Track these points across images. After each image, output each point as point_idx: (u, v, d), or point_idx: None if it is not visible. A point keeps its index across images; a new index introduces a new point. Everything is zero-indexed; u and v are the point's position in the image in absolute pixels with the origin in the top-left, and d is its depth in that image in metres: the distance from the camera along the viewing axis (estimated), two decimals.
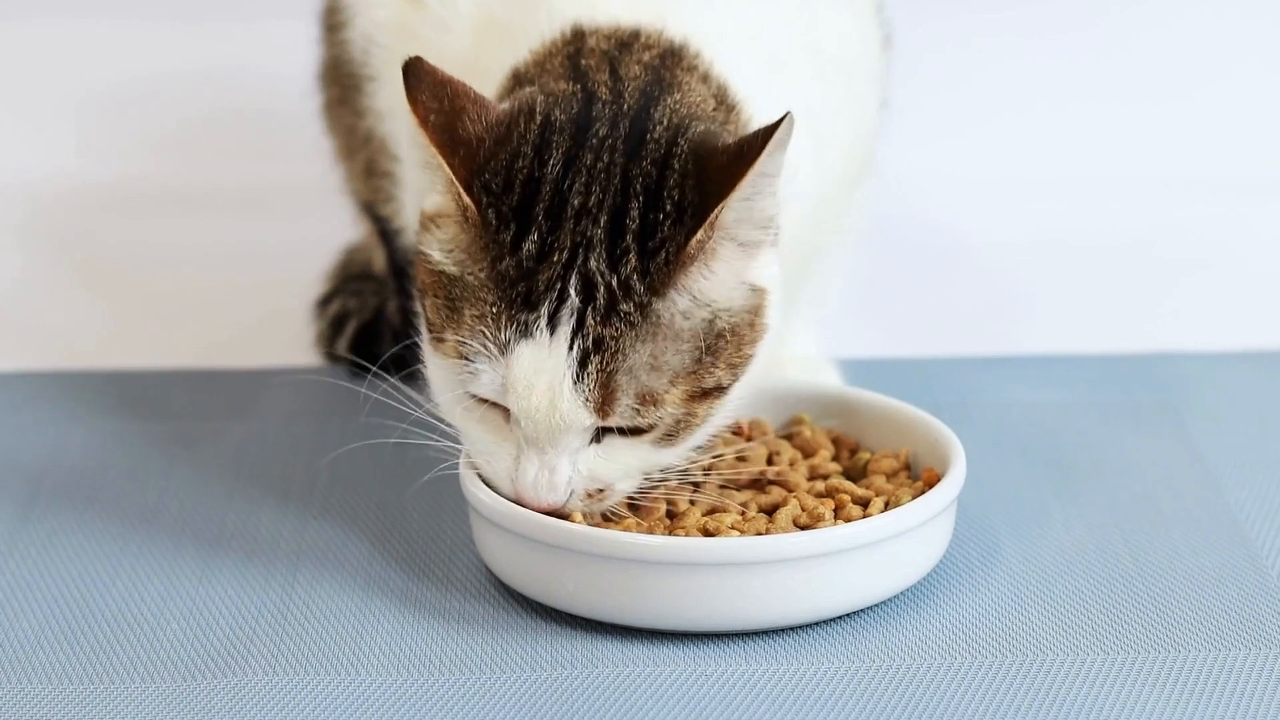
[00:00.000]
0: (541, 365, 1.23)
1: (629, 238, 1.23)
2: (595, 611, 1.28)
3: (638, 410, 1.23)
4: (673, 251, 1.23)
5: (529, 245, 1.23)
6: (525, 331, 1.23)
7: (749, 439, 1.41)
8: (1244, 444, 1.53)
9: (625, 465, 1.27)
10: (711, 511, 1.33)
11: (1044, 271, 1.86)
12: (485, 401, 1.27)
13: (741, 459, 1.39)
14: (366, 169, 1.56)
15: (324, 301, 1.73)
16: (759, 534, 1.30)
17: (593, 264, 1.23)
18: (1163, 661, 1.25)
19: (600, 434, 1.26)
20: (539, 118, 1.26)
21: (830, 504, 1.33)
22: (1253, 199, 1.99)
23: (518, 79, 1.31)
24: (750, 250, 1.25)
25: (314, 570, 1.37)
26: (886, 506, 1.32)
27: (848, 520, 1.31)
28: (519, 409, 1.24)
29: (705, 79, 1.30)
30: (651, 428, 1.25)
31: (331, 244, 1.79)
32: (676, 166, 1.24)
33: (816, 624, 1.29)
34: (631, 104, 1.27)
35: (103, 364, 1.69)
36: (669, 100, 1.27)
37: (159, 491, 1.48)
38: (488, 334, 1.23)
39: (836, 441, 1.42)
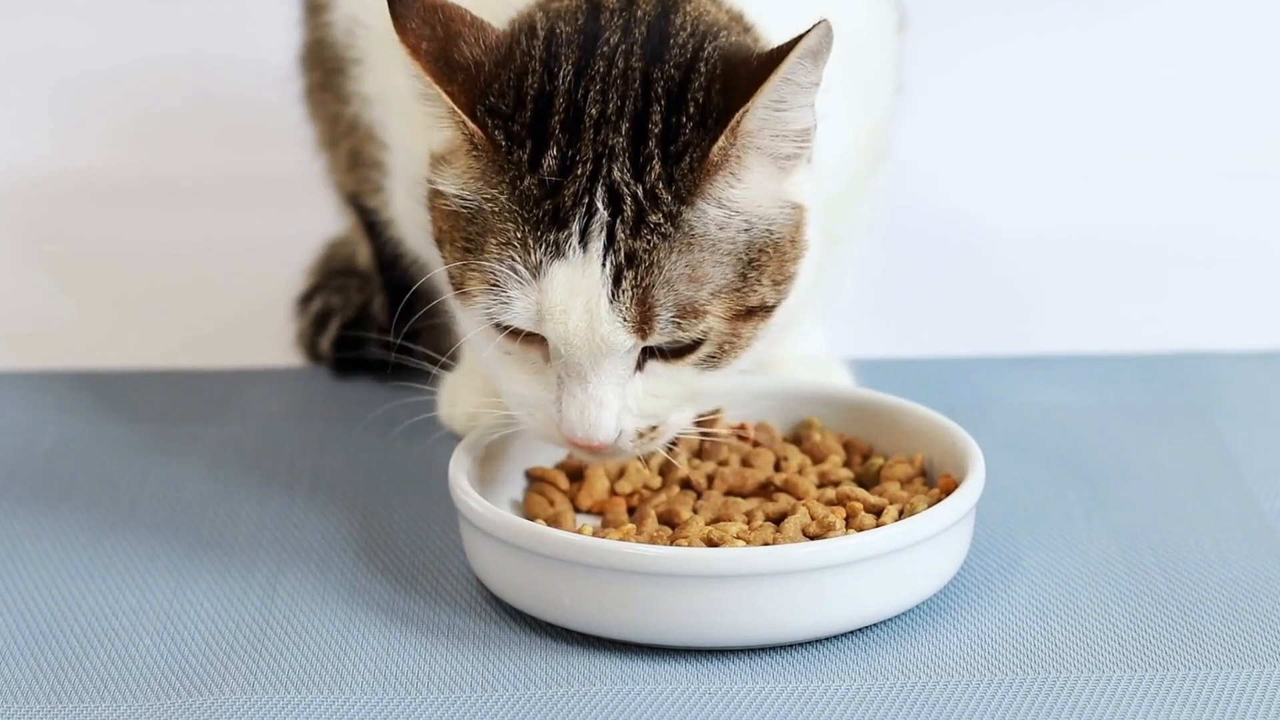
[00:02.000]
0: (576, 285, 1.22)
1: (651, 143, 1.23)
2: (593, 626, 1.28)
3: (678, 324, 1.23)
4: (696, 157, 1.23)
5: (549, 160, 1.23)
6: (557, 251, 1.22)
7: (755, 444, 1.41)
8: (1278, 448, 1.53)
9: (673, 394, 1.27)
10: (715, 520, 1.33)
11: (1067, 267, 1.87)
12: (519, 339, 1.26)
13: (747, 464, 1.39)
14: (352, 158, 1.56)
15: (306, 298, 1.73)
16: (765, 544, 1.30)
17: (616, 174, 1.23)
18: (1194, 680, 1.25)
19: (643, 363, 1.26)
20: (541, 33, 1.26)
21: (841, 512, 1.33)
22: None
23: None
24: (784, 166, 1.25)
25: (295, 582, 1.37)
26: (901, 515, 1.32)
27: (860, 530, 1.31)
28: (556, 335, 1.24)
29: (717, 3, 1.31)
30: (695, 344, 1.25)
31: (314, 238, 1.79)
32: (703, 69, 1.24)
33: (826, 639, 1.29)
34: (647, 10, 1.27)
35: (73, 363, 1.69)
36: (688, 8, 1.28)
37: (132, 498, 1.48)
38: (516, 258, 1.23)
39: (848, 446, 1.42)
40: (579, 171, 1.23)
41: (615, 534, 1.31)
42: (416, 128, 1.40)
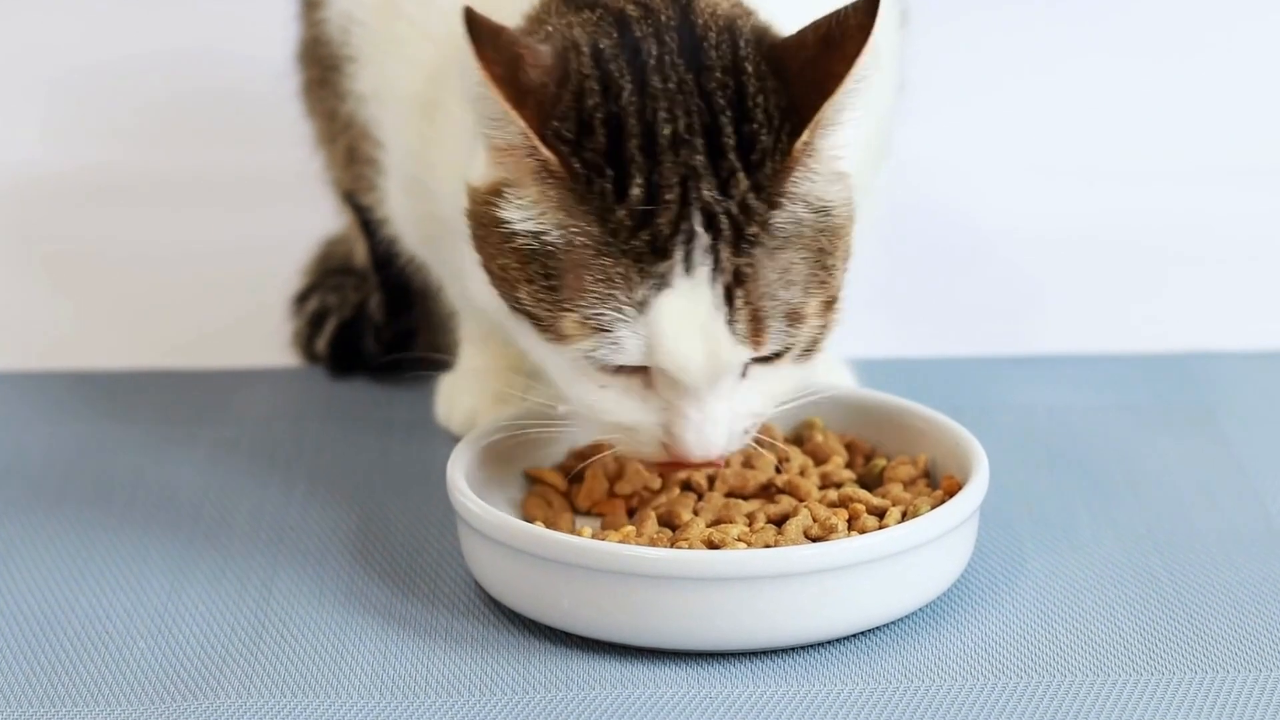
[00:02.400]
0: (689, 313, 1.22)
1: (731, 156, 1.23)
2: (592, 629, 1.28)
3: (787, 330, 1.24)
4: (779, 161, 1.23)
5: (635, 189, 1.22)
6: (663, 282, 1.22)
7: (755, 444, 1.40)
8: None
9: (774, 392, 1.28)
10: (716, 522, 1.33)
11: (1072, 266, 1.86)
12: (618, 371, 1.25)
13: (748, 465, 1.38)
14: (348, 155, 1.56)
15: (302, 297, 1.73)
16: (767, 546, 1.29)
17: (706, 193, 1.22)
18: (1200, 683, 1.25)
19: (746, 369, 1.26)
20: (587, 49, 1.25)
21: (843, 514, 1.32)
22: None
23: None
24: (836, 143, 1.25)
25: (291, 584, 1.36)
26: (904, 517, 1.32)
27: (862, 532, 1.31)
28: (674, 365, 1.23)
29: None
30: (796, 345, 1.26)
31: (310, 236, 1.79)
32: (750, 70, 1.24)
33: (829, 643, 1.29)
34: (668, 15, 1.26)
35: (66, 364, 1.69)
36: (700, 4, 1.27)
37: (126, 499, 1.47)
38: (621, 296, 1.22)
39: (850, 447, 1.42)
40: (669, 197, 1.22)
41: (615, 536, 1.30)
42: (411, 126, 1.40)
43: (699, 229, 1.21)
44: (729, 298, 1.22)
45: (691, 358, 1.23)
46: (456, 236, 1.40)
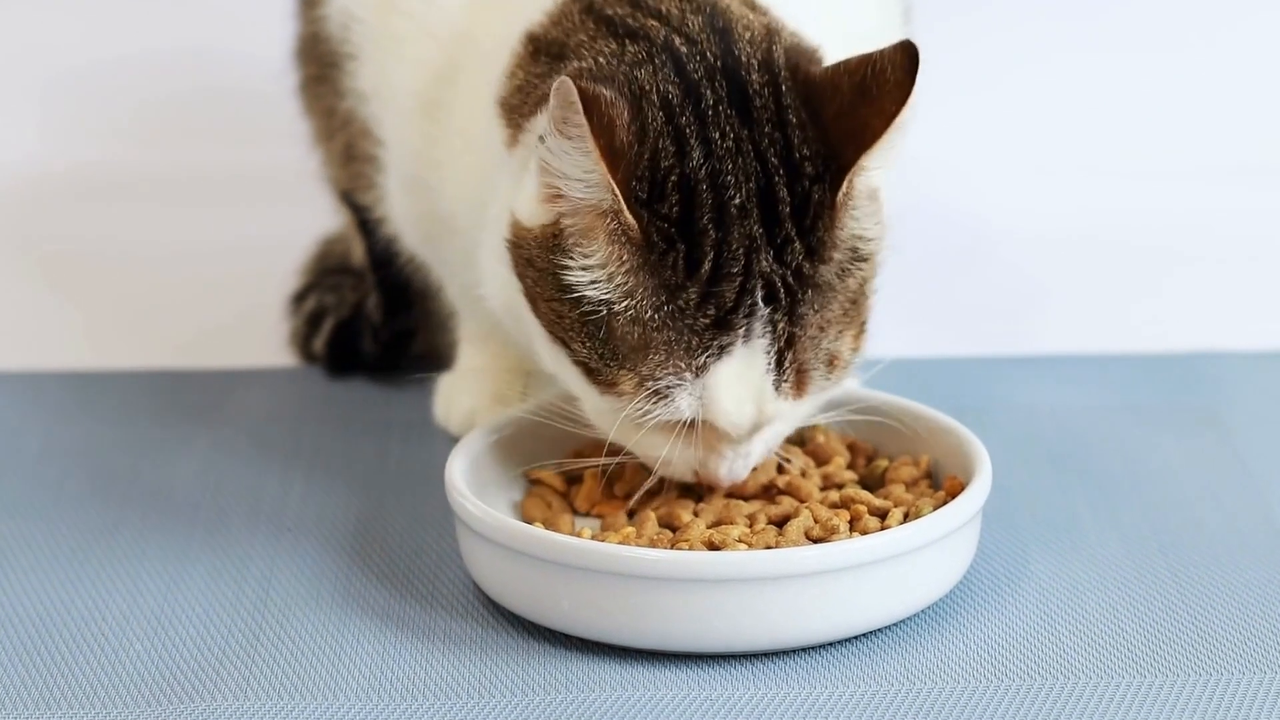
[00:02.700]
0: (743, 378, 1.25)
1: (788, 225, 1.24)
2: (592, 631, 1.28)
3: (828, 376, 1.28)
4: (827, 216, 1.25)
5: (706, 265, 1.23)
6: (724, 352, 1.25)
7: None
8: None
9: (804, 415, 1.31)
10: (717, 523, 1.32)
11: (1075, 265, 1.86)
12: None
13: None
14: (346, 153, 1.56)
15: (299, 297, 1.73)
16: (768, 547, 1.30)
17: (765, 264, 1.24)
18: (1205, 686, 1.25)
19: None
20: (657, 101, 1.25)
21: (845, 515, 1.32)
22: None
23: (538, 46, 1.30)
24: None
25: (288, 586, 1.36)
26: (906, 518, 1.32)
27: (864, 533, 1.31)
28: (726, 423, 1.26)
29: None
30: (832, 386, 1.30)
31: (307, 235, 1.79)
32: (793, 120, 1.25)
33: (830, 645, 1.29)
34: (711, 50, 1.27)
35: (61, 365, 1.69)
36: (738, 28, 1.27)
37: (122, 501, 1.47)
38: (681, 365, 1.25)
39: (852, 448, 1.42)
40: (734, 270, 1.23)
41: (615, 537, 1.30)
42: (413, 124, 1.40)
43: (760, 303, 1.24)
44: (780, 361, 1.25)
45: (743, 416, 1.26)
46: (457, 235, 1.41)
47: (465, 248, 1.39)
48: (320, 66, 1.55)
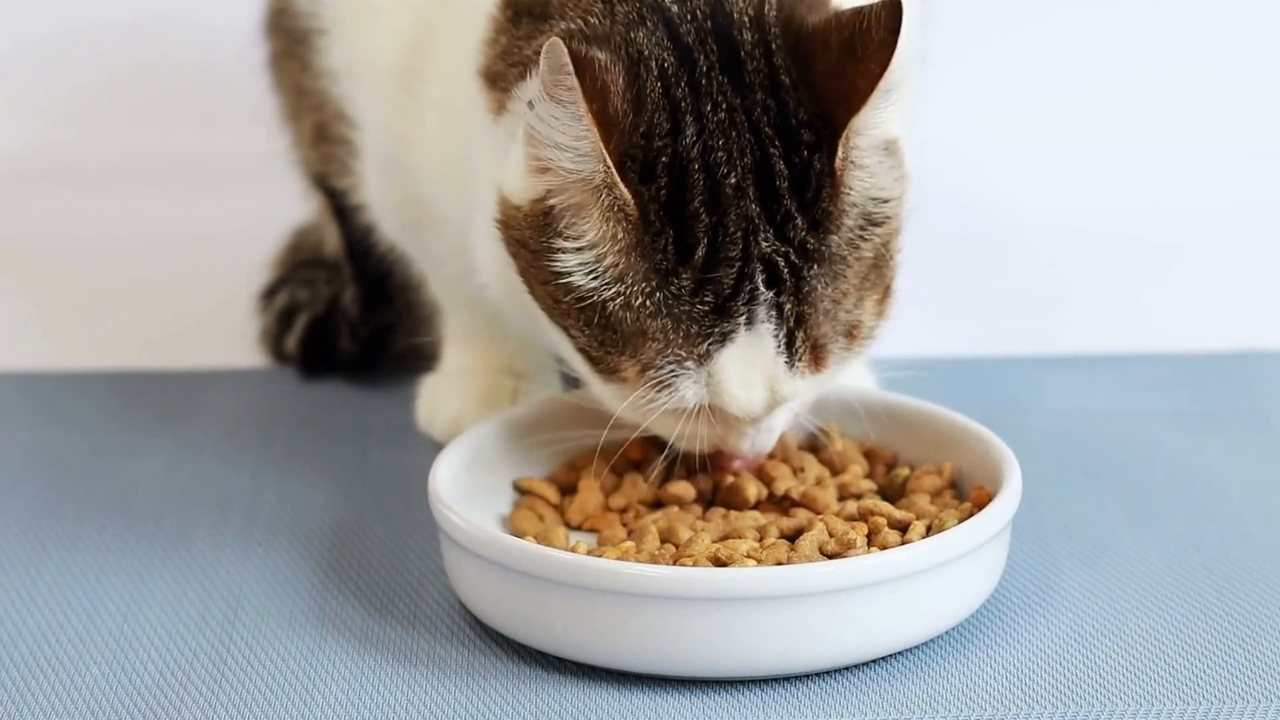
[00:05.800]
0: (751, 363, 1.27)
1: (786, 200, 1.25)
2: (588, 654, 1.28)
3: (847, 346, 1.29)
4: (829, 185, 1.25)
5: (700, 251, 1.25)
6: (726, 338, 1.26)
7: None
8: None
9: (828, 382, 1.32)
10: (724, 537, 1.33)
11: (1110, 261, 1.87)
12: None
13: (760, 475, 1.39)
14: (317, 133, 1.56)
15: (270, 292, 1.73)
16: (779, 564, 1.30)
17: (765, 244, 1.25)
18: (1254, 714, 1.25)
19: None
20: (654, 67, 1.26)
21: (863, 529, 1.33)
22: None
23: (518, 9, 1.30)
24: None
25: (258, 605, 1.37)
26: (929, 532, 1.32)
27: (883, 548, 1.31)
28: (737, 409, 1.28)
29: None
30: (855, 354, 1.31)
31: (279, 224, 1.79)
32: (785, 81, 1.26)
33: (846, 670, 1.29)
34: (700, 8, 1.27)
35: (12, 365, 1.69)
36: None
37: (78, 513, 1.48)
38: (682, 353, 1.26)
39: (869, 455, 1.42)
40: (731, 254, 1.25)
41: (613, 552, 1.31)
42: (389, 101, 1.40)
43: (761, 286, 1.25)
44: (790, 340, 1.26)
45: (753, 402, 1.28)
46: (438, 222, 1.41)
47: (448, 235, 1.39)
48: (288, 40, 1.55)
